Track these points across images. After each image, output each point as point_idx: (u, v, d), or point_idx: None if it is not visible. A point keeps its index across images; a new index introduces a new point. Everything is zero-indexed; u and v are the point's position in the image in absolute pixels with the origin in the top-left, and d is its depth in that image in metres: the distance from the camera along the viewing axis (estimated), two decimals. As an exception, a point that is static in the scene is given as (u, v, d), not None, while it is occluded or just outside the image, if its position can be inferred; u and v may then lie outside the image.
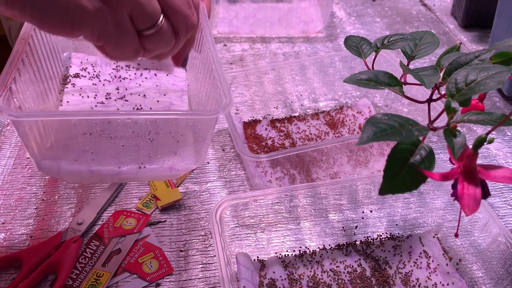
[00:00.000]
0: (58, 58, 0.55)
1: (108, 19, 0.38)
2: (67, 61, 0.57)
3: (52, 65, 0.53)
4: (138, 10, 0.38)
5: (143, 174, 0.47)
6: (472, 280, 0.51)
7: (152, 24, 0.40)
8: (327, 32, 0.97)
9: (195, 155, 0.49)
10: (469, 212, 0.30)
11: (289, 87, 0.77)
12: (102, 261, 0.52)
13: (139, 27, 0.39)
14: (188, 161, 0.49)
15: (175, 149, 0.48)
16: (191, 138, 0.49)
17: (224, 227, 0.51)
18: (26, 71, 0.45)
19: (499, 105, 0.77)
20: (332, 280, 0.51)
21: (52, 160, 0.45)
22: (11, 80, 0.41)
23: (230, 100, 0.43)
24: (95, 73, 0.56)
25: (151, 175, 0.48)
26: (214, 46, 0.50)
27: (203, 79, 0.53)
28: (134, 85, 0.56)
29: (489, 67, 0.33)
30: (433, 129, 0.33)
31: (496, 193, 0.61)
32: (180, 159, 0.48)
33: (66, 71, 0.57)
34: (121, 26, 0.38)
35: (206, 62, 0.52)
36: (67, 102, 0.51)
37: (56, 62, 0.54)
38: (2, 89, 0.39)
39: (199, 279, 0.51)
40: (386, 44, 0.45)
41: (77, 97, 0.52)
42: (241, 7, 0.96)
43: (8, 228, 0.55)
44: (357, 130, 0.71)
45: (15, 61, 0.43)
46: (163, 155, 0.48)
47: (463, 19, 0.97)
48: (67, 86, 0.54)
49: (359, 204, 0.57)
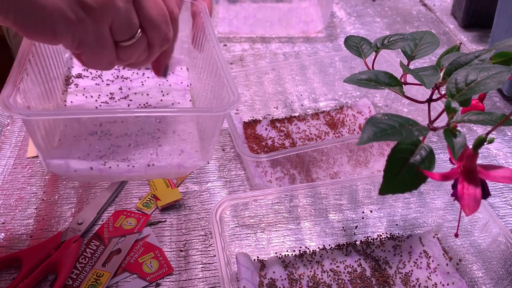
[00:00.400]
0: (61, 58, 0.55)
1: (89, 30, 0.38)
2: (69, 62, 0.57)
3: (55, 66, 0.53)
4: (118, 22, 0.39)
5: (152, 172, 0.47)
6: (472, 280, 0.51)
7: (130, 36, 0.41)
8: (327, 32, 0.97)
9: (203, 152, 0.49)
10: (469, 212, 0.30)
11: (289, 87, 0.77)
12: (102, 261, 0.52)
13: (117, 38, 0.40)
14: (196, 158, 0.49)
15: (182, 147, 0.48)
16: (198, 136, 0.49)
17: (224, 227, 0.51)
18: (33, 71, 0.45)
19: (499, 105, 0.77)
20: (332, 280, 0.51)
21: (61, 159, 0.45)
22: (20, 80, 0.41)
23: (238, 97, 0.44)
24: (97, 73, 0.56)
25: (160, 172, 0.48)
26: (218, 44, 0.50)
27: (207, 78, 0.53)
28: (137, 84, 0.56)
29: (489, 67, 0.33)
30: (433, 129, 0.33)
31: (496, 193, 0.61)
32: (188, 157, 0.48)
33: (68, 71, 0.57)
34: (100, 37, 0.39)
35: (209, 61, 0.52)
36: (71, 102, 0.51)
37: (59, 63, 0.54)
38: (12, 89, 0.40)
39: (199, 279, 0.51)
40: (386, 44, 0.45)
41: (80, 97, 0.52)
42: (241, 7, 0.96)
43: (8, 228, 0.55)
44: (357, 130, 0.71)
45: (23, 61, 0.43)
46: (171, 153, 0.48)
47: (463, 19, 0.97)
48: (70, 87, 0.54)
49: (359, 204, 0.57)
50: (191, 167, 0.49)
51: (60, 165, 0.45)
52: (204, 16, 0.55)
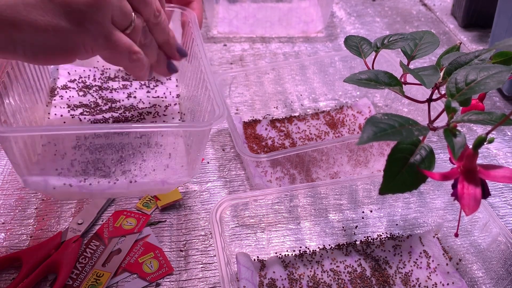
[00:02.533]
0: (45, 70, 0.54)
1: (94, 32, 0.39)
2: (55, 73, 0.56)
3: (39, 77, 0.52)
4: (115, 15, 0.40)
5: (134, 189, 0.46)
6: (472, 280, 0.51)
7: (129, 22, 0.42)
8: (327, 32, 0.97)
9: (188, 168, 0.48)
10: (469, 212, 0.30)
11: (289, 87, 0.77)
12: (102, 261, 0.52)
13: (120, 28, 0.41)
14: (180, 174, 0.48)
15: (167, 162, 0.47)
16: (183, 150, 0.48)
17: (224, 227, 0.51)
18: (12, 84, 0.44)
19: (499, 105, 0.77)
20: (332, 280, 0.51)
21: (39, 176, 0.44)
22: None
23: (223, 111, 0.43)
24: (83, 84, 0.55)
25: (143, 189, 0.47)
26: (206, 56, 0.50)
27: (195, 89, 0.52)
28: (123, 96, 0.55)
29: (489, 66, 0.33)
30: (433, 129, 0.33)
31: (496, 193, 0.61)
32: (173, 173, 0.47)
33: (53, 82, 0.55)
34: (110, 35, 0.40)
35: (197, 72, 0.51)
36: (54, 115, 0.50)
37: (43, 74, 0.53)
38: None
39: (199, 279, 0.51)
40: (386, 44, 0.45)
41: (65, 109, 0.51)
42: (241, 7, 0.96)
43: (8, 228, 0.55)
44: (357, 130, 0.71)
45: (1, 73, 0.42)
46: (155, 169, 0.47)
47: (463, 19, 0.97)
48: (54, 98, 0.52)
49: (359, 204, 0.57)
50: (175, 183, 0.48)
51: (38, 182, 0.44)
52: (193, 26, 0.54)
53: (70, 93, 0.53)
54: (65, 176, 0.44)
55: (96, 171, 0.45)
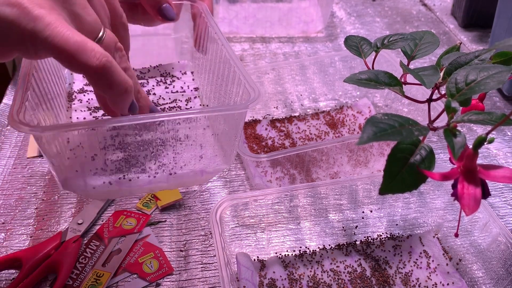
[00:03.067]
0: (61, 74, 0.53)
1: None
2: (69, 77, 0.56)
3: (56, 82, 0.50)
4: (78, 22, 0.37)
5: (174, 181, 0.45)
6: (472, 280, 0.51)
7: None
8: (327, 32, 0.97)
9: (224, 155, 0.47)
10: (469, 212, 0.30)
11: (289, 87, 0.77)
12: (102, 261, 0.52)
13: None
14: (218, 162, 0.46)
15: (201, 153, 0.46)
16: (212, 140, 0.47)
17: (224, 227, 0.51)
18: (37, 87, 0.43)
19: (499, 105, 0.77)
20: (332, 280, 0.51)
21: (77, 177, 0.42)
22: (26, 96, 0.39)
23: (258, 92, 0.41)
24: None
25: (183, 181, 0.46)
26: (227, 42, 0.48)
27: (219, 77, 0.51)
28: None
29: (489, 67, 0.33)
30: (433, 129, 0.33)
31: (496, 193, 0.61)
32: (208, 162, 0.46)
33: (69, 87, 0.55)
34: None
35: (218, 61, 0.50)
36: (76, 118, 0.49)
37: (59, 79, 0.52)
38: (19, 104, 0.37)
39: (199, 279, 0.51)
40: (386, 44, 0.45)
41: (86, 112, 0.50)
42: (241, 7, 0.96)
43: (8, 228, 0.55)
44: (357, 130, 0.71)
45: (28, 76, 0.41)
46: (190, 160, 0.45)
47: (463, 19, 0.97)
48: (74, 103, 0.52)
49: (359, 204, 0.57)
50: (213, 172, 0.46)
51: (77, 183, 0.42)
52: (207, 16, 0.53)
53: (89, 96, 0.53)
54: (103, 175, 0.43)
55: (131, 167, 0.44)
